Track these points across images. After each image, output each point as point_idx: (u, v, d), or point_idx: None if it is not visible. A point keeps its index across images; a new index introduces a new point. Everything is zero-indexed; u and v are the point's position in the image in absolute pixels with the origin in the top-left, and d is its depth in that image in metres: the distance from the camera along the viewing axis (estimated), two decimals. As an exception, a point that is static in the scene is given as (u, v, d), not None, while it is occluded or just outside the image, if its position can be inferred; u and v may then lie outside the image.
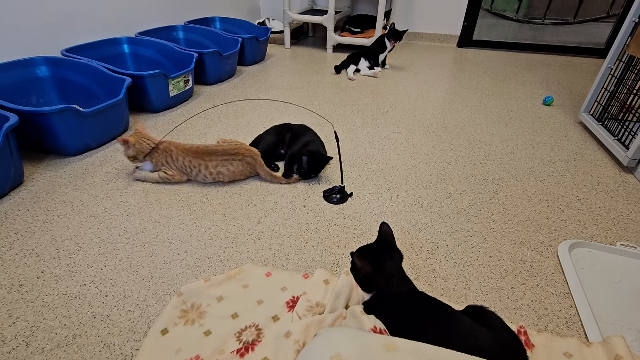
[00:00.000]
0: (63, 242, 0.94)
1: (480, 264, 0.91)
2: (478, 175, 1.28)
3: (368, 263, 0.67)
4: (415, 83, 2.18)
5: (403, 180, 1.24)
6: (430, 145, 1.47)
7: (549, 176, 1.29)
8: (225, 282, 0.82)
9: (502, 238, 1.00)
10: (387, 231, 0.74)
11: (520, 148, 1.47)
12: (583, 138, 1.57)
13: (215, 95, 1.89)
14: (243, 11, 2.99)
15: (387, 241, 0.73)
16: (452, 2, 2.91)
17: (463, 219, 1.06)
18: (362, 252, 0.72)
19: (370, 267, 0.67)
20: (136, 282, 0.83)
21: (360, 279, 0.70)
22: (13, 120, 1.05)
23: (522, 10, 2.91)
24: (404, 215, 1.07)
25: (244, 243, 0.95)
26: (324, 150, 1.28)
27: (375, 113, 1.75)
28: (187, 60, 1.76)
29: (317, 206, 1.10)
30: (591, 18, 2.80)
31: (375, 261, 0.68)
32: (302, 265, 0.89)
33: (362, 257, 0.68)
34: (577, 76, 2.38)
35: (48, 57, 1.47)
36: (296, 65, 2.43)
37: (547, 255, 0.94)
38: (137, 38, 1.87)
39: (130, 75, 1.46)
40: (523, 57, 2.80)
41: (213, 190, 1.16)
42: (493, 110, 1.82)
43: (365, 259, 0.68)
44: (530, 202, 1.15)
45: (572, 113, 1.81)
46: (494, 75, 2.35)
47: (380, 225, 0.74)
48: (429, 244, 0.97)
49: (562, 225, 1.05)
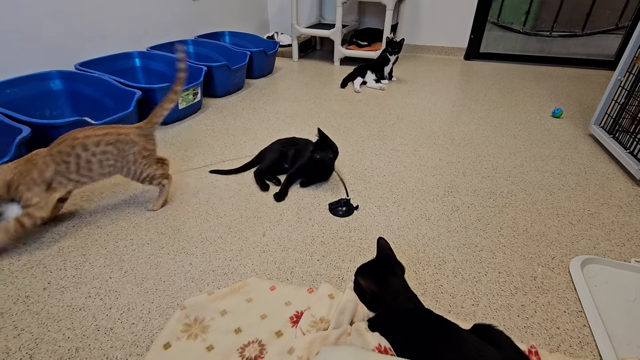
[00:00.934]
0: (70, 253, 0.95)
1: (489, 279, 0.89)
2: (486, 189, 1.26)
3: (373, 282, 0.66)
4: (422, 95, 2.18)
5: (410, 193, 1.23)
6: (437, 157, 1.46)
7: (559, 190, 1.26)
8: (229, 296, 0.82)
9: (512, 253, 0.97)
10: (385, 245, 0.72)
11: (529, 161, 1.45)
12: (594, 151, 1.55)
13: (223, 108, 1.91)
14: (252, 26, 3.05)
15: (387, 256, 0.71)
16: (458, 15, 2.93)
17: (471, 233, 1.04)
18: (364, 270, 0.70)
19: (376, 286, 0.66)
20: (140, 295, 0.83)
21: (367, 300, 0.68)
22: (25, 132, 1.08)
23: (530, 23, 2.91)
24: (410, 228, 1.06)
25: (249, 256, 0.95)
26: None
27: (382, 125, 1.75)
28: (197, 74, 1.79)
29: (322, 219, 1.09)
30: (599, 30, 2.79)
31: (380, 279, 0.67)
32: (307, 279, 0.88)
33: (366, 276, 0.67)
34: (587, 88, 2.36)
35: (62, 71, 1.52)
36: (304, 78, 2.46)
37: (559, 271, 0.92)
38: (148, 52, 1.91)
39: (140, 88, 1.49)
40: (531, 69, 2.79)
41: (219, 202, 1.16)
42: (501, 122, 1.81)
43: (369, 278, 0.66)
44: (540, 216, 1.12)
45: (582, 125, 1.79)
46: (501, 88, 2.34)
47: (378, 241, 0.73)
48: (436, 258, 0.95)
49: (574, 241, 1.02)
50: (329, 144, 1.17)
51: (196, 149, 1.49)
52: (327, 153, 1.16)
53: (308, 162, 1.21)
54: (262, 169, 1.29)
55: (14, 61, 1.42)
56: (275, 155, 1.31)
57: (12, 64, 1.42)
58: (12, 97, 1.36)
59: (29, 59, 1.47)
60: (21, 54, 1.44)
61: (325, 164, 1.20)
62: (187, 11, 2.30)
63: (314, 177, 1.27)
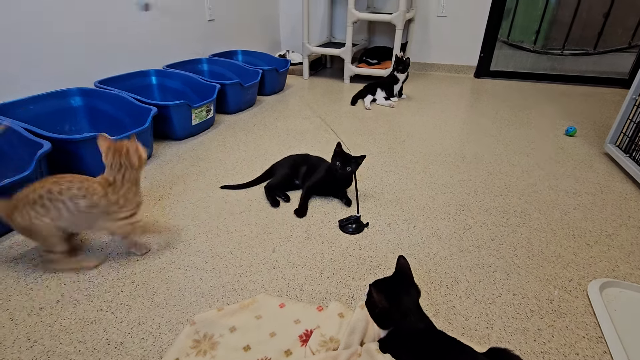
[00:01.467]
0: (83, 266, 0.96)
1: (503, 301, 0.87)
2: (499, 207, 1.24)
3: (385, 297, 0.65)
4: (432, 113, 2.19)
5: (420, 210, 1.22)
6: (448, 175, 1.46)
7: (575, 209, 1.24)
8: (239, 312, 0.81)
9: (527, 274, 0.95)
10: (405, 265, 0.72)
11: (543, 179, 1.43)
12: (610, 170, 1.52)
13: (235, 124, 1.95)
14: (265, 45, 3.14)
15: (405, 275, 0.71)
16: (468, 34, 2.96)
17: (484, 253, 1.03)
18: (379, 285, 0.70)
19: (387, 302, 0.65)
20: (151, 309, 0.83)
21: (376, 314, 0.68)
22: (46, 147, 1.12)
23: (540, 42, 2.93)
24: (421, 247, 1.05)
25: (259, 272, 0.95)
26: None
27: (392, 142, 1.76)
28: (210, 91, 1.84)
29: (332, 236, 1.09)
30: (612, 49, 2.78)
31: (392, 296, 0.66)
32: (317, 297, 0.87)
33: (380, 290, 0.66)
34: (601, 106, 2.34)
35: (82, 88, 1.57)
36: (314, 96, 2.50)
37: (576, 294, 0.89)
38: (164, 70, 1.98)
39: (156, 105, 1.54)
40: (542, 88, 2.78)
41: (230, 217, 1.17)
42: (513, 140, 1.80)
43: (382, 293, 0.66)
44: (556, 237, 1.10)
45: (597, 144, 1.76)
46: (513, 106, 2.34)
47: (398, 259, 0.73)
48: (448, 278, 0.93)
49: (592, 263, 0.99)
50: (348, 158, 1.18)
51: (208, 164, 1.52)
52: (349, 165, 1.18)
53: (326, 175, 1.23)
54: (273, 184, 1.30)
55: (37, 79, 1.49)
56: (286, 171, 1.32)
57: (36, 81, 1.48)
58: (35, 113, 1.42)
59: (52, 77, 1.54)
60: (44, 72, 1.51)
61: (347, 176, 1.22)
62: (202, 31, 2.38)
63: (333, 190, 1.28)
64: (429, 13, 2.98)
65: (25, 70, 1.45)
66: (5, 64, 1.38)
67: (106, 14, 1.71)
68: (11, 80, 1.41)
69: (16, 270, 0.94)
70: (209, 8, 2.38)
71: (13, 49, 1.39)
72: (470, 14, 2.88)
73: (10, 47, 1.38)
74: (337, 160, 1.18)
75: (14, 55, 1.40)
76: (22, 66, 1.43)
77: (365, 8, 3.08)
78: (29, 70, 1.46)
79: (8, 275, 0.92)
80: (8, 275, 0.92)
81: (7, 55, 1.38)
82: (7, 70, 1.39)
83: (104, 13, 1.70)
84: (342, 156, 1.18)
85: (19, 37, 1.40)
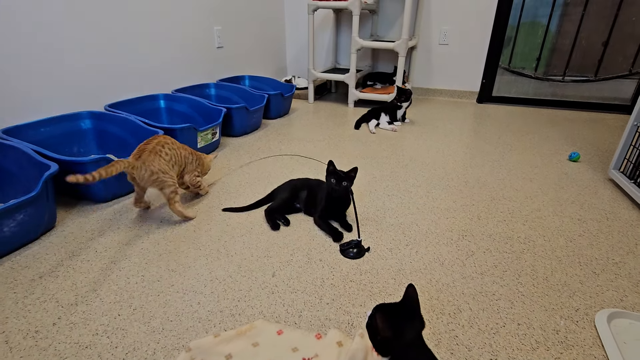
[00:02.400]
0: (82, 288, 0.96)
1: (507, 332, 0.84)
2: (502, 233, 1.23)
3: (388, 326, 0.64)
4: (434, 137, 2.20)
5: (423, 235, 1.21)
6: (451, 199, 1.45)
7: (580, 236, 1.22)
8: (236, 339, 0.80)
9: (532, 303, 0.93)
10: (413, 295, 0.69)
11: (547, 205, 1.42)
12: (615, 196, 1.50)
13: (240, 147, 1.98)
14: (271, 70, 3.23)
15: (412, 305, 0.68)
16: (469, 61, 3.03)
17: (487, 280, 1.01)
18: (383, 310, 0.68)
19: (390, 331, 0.64)
20: (147, 334, 0.82)
21: (376, 341, 0.66)
22: (53, 168, 1.14)
23: (541, 69, 2.97)
24: (423, 273, 1.03)
25: (258, 297, 0.94)
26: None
27: (395, 166, 1.77)
28: (216, 115, 1.88)
29: (333, 260, 1.08)
30: (613, 76, 2.81)
31: (396, 325, 0.64)
32: (316, 324, 0.86)
33: (384, 318, 0.65)
34: (604, 132, 2.34)
35: (92, 112, 1.62)
36: (318, 119, 2.54)
37: (583, 325, 0.86)
38: (172, 95, 2.04)
39: (162, 128, 1.57)
40: (545, 113, 2.80)
41: (231, 240, 1.17)
42: (516, 165, 1.80)
43: (387, 322, 0.64)
44: (561, 264, 1.08)
45: (601, 170, 1.75)
46: (515, 131, 2.35)
47: (407, 287, 0.70)
48: (450, 306, 0.91)
49: (599, 292, 0.97)
50: (341, 174, 1.18)
51: (212, 186, 1.53)
52: (343, 181, 1.17)
53: (328, 197, 1.23)
54: (274, 207, 1.30)
55: (50, 102, 1.54)
56: (287, 195, 1.32)
57: (49, 104, 1.54)
58: (46, 135, 1.46)
59: (64, 100, 1.59)
60: (56, 96, 1.57)
61: (345, 193, 1.20)
62: (210, 57, 2.46)
63: (335, 211, 1.27)
64: (431, 41, 3.07)
65: (39, 94, 1.50)
66: (21, 88, 1.43)
67: (118, 42, 1.79)
68: (25, 103, 1.46)
69: (15, 292, 0.94)
70: (218, 36, 2.48)
71: (29, 75, 1.45)
72: (471, 42, 2.96)
73: (26, 73, 1.44)
74: (331, 178, 1.18)
75: (29, 81, 1.46)
76: (36, 90, 1.49)
77: (369, 36, 3.19)
78: (41, 93, 1.51)
79: (7, 296, 0.92)
80: (7, 296, 0.92)
81: (22, 80, 1.43)
82: (22, 94, 1.44)
83: (116, 41, 1.78)
84: (335, 174, 1.18)
85: (36, 63, 1.46)
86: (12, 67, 1.39)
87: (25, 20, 1.40)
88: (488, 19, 2.86)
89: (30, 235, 1.13)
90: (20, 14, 1.38)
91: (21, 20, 1.39)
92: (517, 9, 2.84)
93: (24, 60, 1.43)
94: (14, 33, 1.38)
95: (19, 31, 1.39)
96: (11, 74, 1.40)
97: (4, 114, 1.40)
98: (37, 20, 1.44)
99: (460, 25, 2.94)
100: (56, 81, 1.55)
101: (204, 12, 2.33)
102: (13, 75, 1.40)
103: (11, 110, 1.42)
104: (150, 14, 1.94)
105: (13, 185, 1.25)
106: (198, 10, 2.27)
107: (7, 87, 1.39)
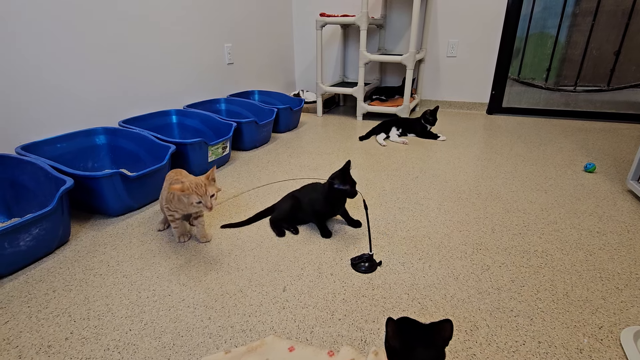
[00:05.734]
0: (95, 302, 0.96)
1: (528, 350, 0.81)
2: (518, 247, 1.20)
3: (399, 339, 0.62)
4: (445, 149, 2.19)
5: (436, 249, 1.19)
6: (464, 212, 1.42)
7: (600, 250, 1.18)
8: (246, 355, 0.78)
9: (552, 320, 0.89)
10: (447, 329, 0.62)
11: (564, 218, 1.38)
12: (635, 208, 1.46)
13: (249, 160, 2.00)
14: (280, 85, 3.28)
15: (439, 336, 0.62)
16: (478, 73, 3.02)
17: (504, 296, 0.97)
18: (405, 323, 0.65)
19: (399, 343, 0.62)
20: (157, 350, 0.81)
21: (386, 348, 0.66)
22: (69, 183, 1.16)
23: (552, 79, 2.95)
24: (437, 288, 1.01)
25: (268, 312, 0.92)
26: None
27: (405, 178, 1.75)
28: (227, 129, 1.90)
29: (344, 275, 1.06)
30: (626, 85, 2.77)
31: (409, 341, 0.62)
32: (328, 340, 0.84)
33: (400, 329, 0.63)
34: (620, 142, 2.29)
35: (107, 128, 1.66)
36: (327, 132, 2.55)
37: (608, 343, 0.82)
38: (184, 110, 2.08)
39: (174, 143, 1.60)
40: (557, 123, 2.77)
41: (241, 253, 1.16)
42: (529, 177, 1.77)
43: (400, 334, 0.63)
44: (582, 279, 1.04)
45: (619, 181, 1.71)
46: (527, 142, 2.32)
47: (445, 322, 0.62)
48: (466, 323, 0.88)
49: (623, 308, 0.93)
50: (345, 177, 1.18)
51: (221, 200, 1.54)
52: (345, 184, 1.17)
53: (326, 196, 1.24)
54: (277, 217, 1.31)
55: (66, 118, 1.59)
56: (287, 204, 1.32)
57: (65, 121, 1.58)
58: (62, 151, 1.49)
59: (79, 117, 1.64)
60: (71, 113, 1.61)
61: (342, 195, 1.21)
62: (221, 73, 2.52)
63: (332, 211, 1.29)
64: (438, 53, 3.08)
65: (56, 111, 1.55)
66: (38, 105, 1.48)
67: (132, 60, 1.85)
68: (42, 120, 1.50)
69: (29, 306, 0.94)
70: (228, 53, 2.53)
71: (46, 93, 1.50)
72: (480, 54, 2.96)
73: (44, 91, 1.49)
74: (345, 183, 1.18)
75: (47, 99, 1.51)
76: (53, 107, 1.54)
77: (377, 50, 3.22)
78: (58, 110, 1.56)
79: (21, 310, 0.93)
80: (21, 310, 0.93)
81: (40, 98, 1.48)
82: (39, 112, 1.49)
83: (130, 59, 1.84)
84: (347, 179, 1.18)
85: (54, 81, 1.51)
86: (31, 86, 1.44)
87: (43, 39, 1.46)
88: (496, 30, 2.87)
89: (45, 249, 1.14)
90: (38, 32, 1.44)
91: (39, 39, 1.45)
92: (525, 21, 2.85)
93: (44, 79, 1.48)
94: (32, 53, 1.43)
95: (37, 51, 1.44)
96: (30, 92, 1.45)
97: (22, 131, 1.44)
98: (55, 39, 1.50)
99: (468, 37, 2.96)
100: (73, 98, 1.60)
101: (215, 30, 2.39)
102: (32, 93, 1.45)
103: (28, 127, 1.46)
104: (163, 33, 2.00)
105: (30, 200, 1.28)
106: (209, 28, 2.34)
107: (25, 105, 1.44)
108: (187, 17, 2.15)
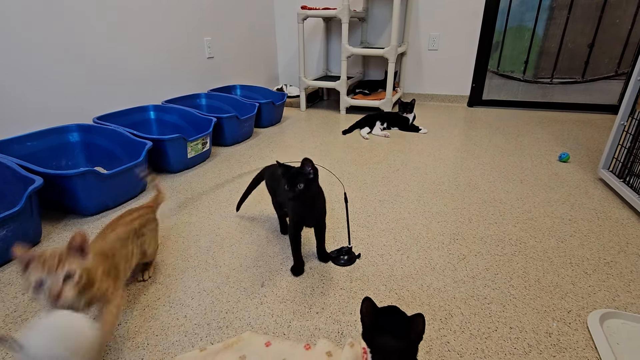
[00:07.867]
0: (66, 304, 0.93)
1: (499, 336, 0.83)
2: (494, 236, 1.22)
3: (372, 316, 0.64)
4: (426, 141, 2.21)
5: (414, 240, 1.20)
6: (443, 203, 1.44)
7: (571, 237, 1.22)
8: (222, 353, 0.77)
9: (524, 306, 0.92)
10: (419, 325, 0.62)
11: (538, 206, 1.42)
12: (605, 196, 1.50)
13: (231, 156, 1.97)
14: (263, 79, 3.24)
15: (411, 330, 0.62)
16: (459, 66, 3.05)
17: (479, 284, 1.00)
18: (388, 309, 0.65)
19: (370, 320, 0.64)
20: (131, 350, 0.80)
21: (362, 321, 0.67)
22: (38, 183, 1.12)
23: (530, 71, 3.01)
24: (414, 279, 1.02)
25: (246, 308, 0.92)
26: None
27: (386, 171, 1.76)
28: (207, 124, 1.87)
29: (323, 268, 1.07)
30: (600, 77, 2.85)
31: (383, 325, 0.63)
32: (305, 334, 0.84)
33: (371, 307, 0.64)
34: (593, 132, 2.36)
35: (80, 125, 1.61)
36: (310, 127, 2.54)
37: (576, 327, 0.85)
38: (162, 105, 2.03)
39: (151, 139, 1.56)
40: (535, 115, 2.83)
41: (219, 250, 1.15)
42: (507, 167, 1.80)
43: (374, 314, 0.64)
44: (553, 266, 1.07)
45: (591, 170, 1.76)
46: (506, 133, 2.36)
47: (416, 316, 0.62)
48: (442, 311, 0.90)
49: (590, 292, 0.96)
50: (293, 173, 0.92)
51: (203, 196, 1.52)
52: (299, 181, 0.91)
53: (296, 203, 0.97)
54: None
55: (38, 115, 1.53)
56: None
57: (36, 118, 1.52)
58: (33, 150, 1.44)
59: (50, 114, 1.58)
60: (42, 109, 1.55)
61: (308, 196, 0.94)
62: (201, 67, 2.47)
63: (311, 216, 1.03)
64: (420, 47, 3.10)
65: (27, 108, 1.49)
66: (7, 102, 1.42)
67: (107, 54, 1.79)
68: (12, 117, 1.44)
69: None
70: (208, 46, 2.49)
71: (15, 88, 1.44)
72: (460, 47, 2.99)
73: (12, 86, 1.43)
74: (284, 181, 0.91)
75: (15, 93, 1.45)
76: (24, 104, 1.48)
77: (359, 43, 3.21)
78: (28, 107, 1.50)
79: None
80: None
81: (9, 94, 1.42)
82: (9, 108, 1.43)
83: (105, 52, 1.78)
84: (288, 174, 0.91)
85: (22, 76, 1.45)
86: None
87: (9, 31, 1.40)
88: (475, 24, 2.89)
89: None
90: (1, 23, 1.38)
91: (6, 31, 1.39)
92: (504, 14, 2.88)
93: (10, 73, 1.42)
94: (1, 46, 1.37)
95: (5, 43, 1.38)
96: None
97: (-11, 128, 1.38)
98: (22, 31, 1.44)
99: (448, 31, 2.98)
100: (44, 94, 1.54)
101: (194, 23, 2.34)
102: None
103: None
104: (140, 25, 1.95)
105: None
106: (187, 21, 2.28)
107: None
108: (165, 10, 2.09)
